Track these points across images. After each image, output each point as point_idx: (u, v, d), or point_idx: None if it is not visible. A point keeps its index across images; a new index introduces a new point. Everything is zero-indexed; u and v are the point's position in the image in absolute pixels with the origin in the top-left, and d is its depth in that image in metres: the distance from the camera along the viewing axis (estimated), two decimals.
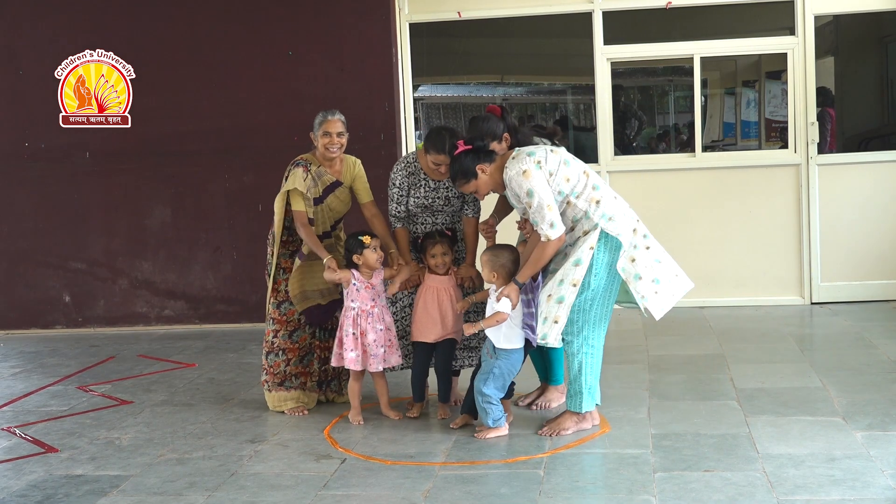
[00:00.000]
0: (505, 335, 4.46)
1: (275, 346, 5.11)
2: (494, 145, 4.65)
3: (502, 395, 4.54)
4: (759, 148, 8.10)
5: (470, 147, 4.46)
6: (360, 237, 4.82)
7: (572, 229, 4.45)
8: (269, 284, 5.12)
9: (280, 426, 4.88)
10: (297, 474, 4.15)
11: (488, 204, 5.03)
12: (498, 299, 4.42)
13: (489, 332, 4.50)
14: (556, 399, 5.07)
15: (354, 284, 4.82)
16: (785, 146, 7.54)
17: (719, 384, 5.27)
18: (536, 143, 4.80)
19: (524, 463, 4.14)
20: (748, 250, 7.46)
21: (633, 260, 4.44)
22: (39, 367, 6.55)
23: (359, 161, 5.20)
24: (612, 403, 4.95)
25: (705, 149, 7.73)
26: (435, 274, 4.88)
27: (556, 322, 4.35)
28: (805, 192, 7.34)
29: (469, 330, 4.54)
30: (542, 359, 5.08)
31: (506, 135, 4.76)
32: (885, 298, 7.34)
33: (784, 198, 7.39)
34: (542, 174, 4.33)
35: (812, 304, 7.41)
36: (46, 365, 6.62)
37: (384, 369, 4.92)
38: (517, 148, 4.57)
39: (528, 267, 4.38)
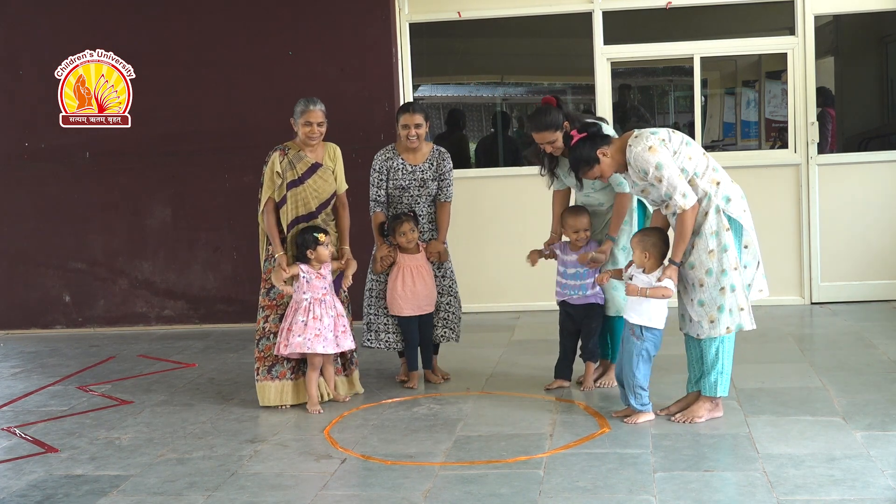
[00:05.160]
0: (651, 316, 4.51)
1: (266, 330, 5.19)
2: (556, 134, 4.87)
3: (649, 376, 4.63)
4: (759, 148, 8.10)
5: (585, 135, 4.54)
6: (315, 234, 5.05)
7: None
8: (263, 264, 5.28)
9: (280, 426, 4.88)
10: (297, 474, 4.15)
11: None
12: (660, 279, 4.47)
13: (634, 316, 4.53)
14: None
15: (304, 276, 5.03)
16: (785, 146, 7.54)
17: None
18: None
19: (524, 463, 4.14)
20: None
21: (747, 247, 4.50)
22: (39, 367, 6.55)
23: (339, 149, 5.37)
24: (612, 403, 4.95)
25: (705, 149, 7.70)
26: (407, 252, 5.38)
27: (741, 309, 4.49)
28: (805, 192, 7.34)
29: (632, 293, 4.52)
30: (606, 336, 5.18)
31: (566, 123, 4.91)
32: (885, 298, 7.34)
33: (784, 198, 7.39)
34: (667, 151, 4.40)
35: (812, 304, 7.41)
36: (46, 365, 6.62)
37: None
38: (636, 129, 4.61)
39: (677, 243, 4.45)
